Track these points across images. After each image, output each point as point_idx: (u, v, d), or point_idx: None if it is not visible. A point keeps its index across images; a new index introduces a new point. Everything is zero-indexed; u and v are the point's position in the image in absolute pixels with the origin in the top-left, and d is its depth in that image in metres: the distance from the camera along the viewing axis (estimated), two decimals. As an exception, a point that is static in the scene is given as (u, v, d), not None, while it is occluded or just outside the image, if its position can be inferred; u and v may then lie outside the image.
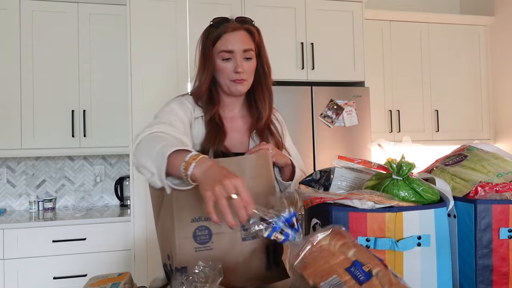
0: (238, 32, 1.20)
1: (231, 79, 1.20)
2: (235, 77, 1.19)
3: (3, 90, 2.74)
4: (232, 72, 1.19)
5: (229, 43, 1.18)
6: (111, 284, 0.94)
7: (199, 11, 2.65)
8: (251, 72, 1.23)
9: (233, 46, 1.18)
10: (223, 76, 1.21)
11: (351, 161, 1.05)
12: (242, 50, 1.19)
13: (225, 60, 1.19)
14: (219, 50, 1.19)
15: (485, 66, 3.42)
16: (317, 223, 0.86)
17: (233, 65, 1.19)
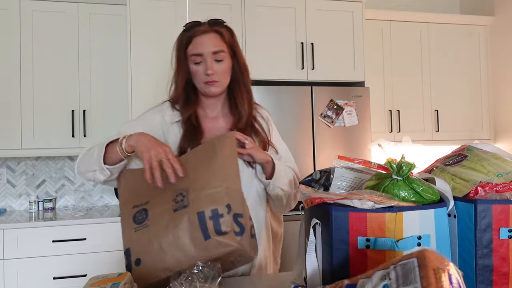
0: (207, 34, 1.21)
1: (204, 82, 1.23)
2: (207, 79, 1.22)
3: (3, 90, 2.74)
4: (204, 74, 1.21)
5: (198, 46, 1.21)
6: (111, 284, 0.94)
7: (199, 11, 2.65)
8: (223, 73, 1.24)
9: (202, 49, 1.20)
10: (196, 79, 1.24)
11: (351, 161, 1.05)
12: (212, 52, 1.20)
13: (197, 63, 1.22)
14: (190, 54, 1.22)
15: (485, 66, 3.42)
16: (317, 223, 0.86)
17: (203, 68, 1.21)
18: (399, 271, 0.62)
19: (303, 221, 1.01)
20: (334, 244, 0.80)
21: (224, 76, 1.24)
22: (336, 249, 0.80)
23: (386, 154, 1.05)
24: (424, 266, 0.58)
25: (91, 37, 2.86)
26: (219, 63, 1.22)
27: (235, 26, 2.71)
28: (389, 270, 0.64)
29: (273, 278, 1.24)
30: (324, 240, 0.84)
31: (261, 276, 1.26)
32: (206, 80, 1.22)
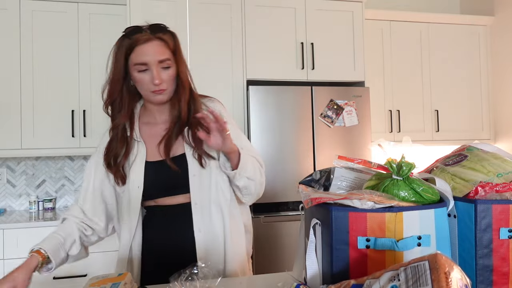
0: (151, 42, 1.15)
1: (151, 90, 1.18)
2: (153, 88, 1.17)
3: (3, 90, 2.74)
4: (150, 83, 1.16)
5: (142, 55, 1.14)
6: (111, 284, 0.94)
7: (199, 11, 2.65)
8: (171, 80, 1.19)
9: (147, 58, 1.14)
10: (142, 87, 1.19)
11: (351, 161, 1.05)
12: (157, 61, 1.15)
13: (142, 71, 1.16)
14: (134, 62, 1.16)
15: (485, 66, 3.42)
16: (317, 223, 0.86)
17: (150, 77, 1.16)
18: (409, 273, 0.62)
19: (303, 221, 1.01)
20: (334, 244, 0.80)
21: (171, 83, 1.20)
22: (336, 249, 0.80)
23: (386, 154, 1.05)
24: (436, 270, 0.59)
25: (91, 37, 2.86)
26: (165, 71, 1.17)
27: (235, 26, 2.72)
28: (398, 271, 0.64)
29: (273, 278, 1.24)
30: (324, 240, 0.84)
31: (261, 276, 1.26)
32: (154, 89, 1.17)
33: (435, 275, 0.58)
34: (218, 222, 1.23)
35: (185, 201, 1.23)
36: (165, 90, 1.19)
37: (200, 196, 1.21)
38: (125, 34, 1.18)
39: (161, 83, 1.16)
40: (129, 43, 1.15)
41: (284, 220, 2.59)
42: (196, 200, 1.21)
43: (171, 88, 1.21)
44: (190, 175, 1.21)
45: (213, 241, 1.22)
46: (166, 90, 1.19)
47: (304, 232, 1.00)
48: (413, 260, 0.65)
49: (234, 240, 1.26)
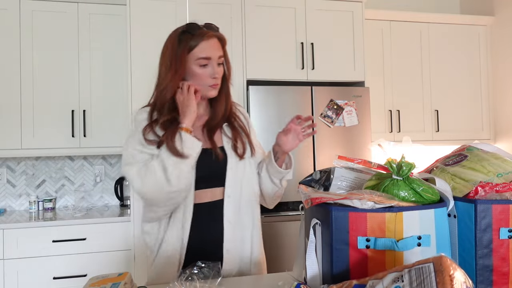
0: (213, 39, 1.25)
1: (209, 85, 1.26)
2: (212, 83, 1.26)
3: (3, 90, 2.74)
4: (209, 78, 1.25)
5: (207, 50, 1.23)
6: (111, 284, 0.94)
7: (199, 11, 2.65)
8: (221, 77, 1.29)
9: (211, 53, 1.24)
10: (199, 81, 1.25)
11: (351, 161, 1.05)
12: (218, 57, 1.25)
13: (203, 66, 1.24)
14: (197, 57, 1.23)
15: (485, 66, 3.42)
16: (317, 223, 0.86)
17: (210, 71, 1.24)
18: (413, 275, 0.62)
19: (303, 221, 1.01)
20: (334, 244, 0.80)
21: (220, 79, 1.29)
22: (336, 249, 0.80)
23: (386, 154, 1.05)
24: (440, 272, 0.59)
25: (91, 37, 2.86)
26: (220, 67, 1.27)
27: (235, 26, 2.72)
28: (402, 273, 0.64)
29: (273, 278, 1.24)
30: (324, 240, 0.84)
31: (261, 276, 1.26)
32: (212, 83, 1.25)
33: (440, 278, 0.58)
34: (247, 217, 1.31)
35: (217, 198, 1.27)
36: (218, 85, 1.28)
37: (234, 189, 1.28)
38: (186, 30, 1.25)
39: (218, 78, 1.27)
40: (192, 38, 1.23)
41: (284, 220, 2.59)
42: (229, 193, 1.27)
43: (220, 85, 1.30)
44: (228, 167, 1.27)
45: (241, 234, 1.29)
46: (218, 85, 1.28)
47: (304, 232, 1.00)
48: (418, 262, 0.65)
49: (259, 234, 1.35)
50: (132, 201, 2.53)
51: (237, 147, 1.30)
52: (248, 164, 1.32)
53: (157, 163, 1.16)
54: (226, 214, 1.26)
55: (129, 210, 2.73)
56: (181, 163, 1.16)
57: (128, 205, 2.94)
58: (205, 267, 0.99)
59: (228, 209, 1.27)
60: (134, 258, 2.54)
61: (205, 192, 1.26)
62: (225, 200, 1.27)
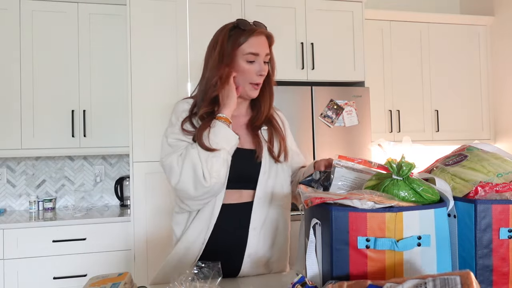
0: (262, 36, 1.26)
1: (253, 82, 1.25)
2: (257, 80, 1.25)
3: (3, 90, 2.74)
4: (255, 74, 1.24)
5: (256, 46, 1.23)
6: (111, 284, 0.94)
7: (199, 11, 2.65)
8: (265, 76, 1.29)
9: (260, 49, 1.24)
10: (244, 78, 1.25)
11: (351, 161, 1.05)
12: (265, 54, 1.26)
13: (250, 62, 1.24)
14: (246, 52, 1.23)
15: (485, 66, 3.42)
16: (317, 223, 0.86)
17: (257, 68, 1.24)
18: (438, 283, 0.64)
19: (303, 221, 1.01)
20: (334, 244, 0.80)
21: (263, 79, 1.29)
22: (336, 249, 0.80)
23: (386, 154, 1.05)
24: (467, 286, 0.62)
25: (91, 37, 2.86)
26: (265, 65, 1.27)
27: (235, 26, 2.72)
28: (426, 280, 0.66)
29: (272, 278, 1.24)
30: (324, 240, 0.84)
31: (261, 276, 1.26)
32: (257, 80, 1.25)
33: None
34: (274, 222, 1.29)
35: (246, 200, 1.26)
36: (260, 85, 1.28)
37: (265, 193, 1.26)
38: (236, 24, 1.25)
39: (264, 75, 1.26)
40: (243, 33, 1.23)
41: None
42: (260, 196, 1.26)
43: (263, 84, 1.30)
44: (261, 171, 1.26)
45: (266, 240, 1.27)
46: (260, 85, 1.28)
47: (304, 232, 1.00)
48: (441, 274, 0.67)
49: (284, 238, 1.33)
50: (132, 201, 2.53)
51: (272, 151, 1.29)
52: (281, 169, 1.31)
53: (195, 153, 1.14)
54: (253, 218, 1.25)
55: (129, 210, 2.73)
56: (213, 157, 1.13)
57: (128, 205, 2.94)
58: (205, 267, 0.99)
59: (256, 213, 1.25)
60: (134, 258, 2.54)
61: (232, 193, 1.25)
62: (255, 203, 1.25)
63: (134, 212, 2.52)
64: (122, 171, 3.17)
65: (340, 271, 0.80)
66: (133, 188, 2.53)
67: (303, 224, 1.01)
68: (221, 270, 0.99)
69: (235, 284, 1.15)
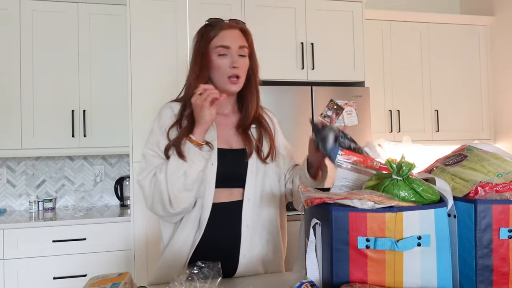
0: (234, 30, 1.24)
1: (228, 75, 1.21)
2: (231, 73, 1.21)
3: (3, 90, 2.74)
4: (228, 67, 1.21)
5: (226, 39, 1.22)
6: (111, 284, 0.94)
7: (199, 11, 2.65)
8: (244, 69, 1.25)
9: (230, 42, 1.22)
10: (219, 72, 1.23)
11: (354, 155, 1.05)
12: (238, 46, 1.22)
13: (221, 56, 1.21)
14: (216, 45, 1.21)
15: (485, 66, 3.42)
16: (317, 223, 0.86)
17: (229, 61, 1.21)
18: None
19: (303, 221, 1.01)
20: (334, 244, 0.80)
21: (244, 72, 1.25)
22: (336, 249, 0.80)
23: (386, 154, 1.05)
24: None
25: (91, 37, 2.86)
26: (242, 58, 1.24)
27: (235, 26, 2.72)
28: None
29: (273, 277, 1.24)
30: (324, 240, 0.84)
31: (261, 276, 1.26)
32: (231, 73, 1.21)
33: None
34: (267, 221, 1.28)
35: (236, 199, 1.25)
36: (239, 79, 1.23)
37: (254, 192, 1.25)
38: (209, 23, 1.25)
39: (238, 68, 1.21)
40: (213, 29, 1.23)
41: (284, 220, 2.59)
42: (249, 196, 1.24)
43: (243, 79, 1.25)
44: (248, 170, 1.25)
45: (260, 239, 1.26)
46: (240, 79, 1.23)
47: (304, 232, 1.00)
48: None
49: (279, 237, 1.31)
50: (132, 201, 2.53)
51: (261, 150, 1.28)
52: (269, 168, 1.30)
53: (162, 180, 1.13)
54: (245, 218, 1.23)
55: (129, 210, 2.73)
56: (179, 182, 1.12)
57: (128, 205, 2.94)
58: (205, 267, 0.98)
59: (247, 212, 1.24)
60: (134, 258, 2.54)
61: (221, 191, 1.23)
62: (244, 202, 1.24)
63: (134, 212, 2.52)
64: (122, 171, 3.17)
65: (340, 271, 0.80)
66: (133, 188, 2.53)
67: (303, 224, 1.01)
68: (221, 270, 0.99)
69: (235, 284, 1.15)
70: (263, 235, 1.27)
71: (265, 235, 1.28)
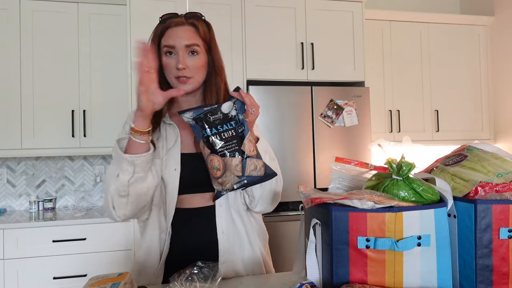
0: (182, 27, 1.16)
1: (175, 76, 1.14)
2: (178, 74, 1.13)
3: (3, 90, 2.74)
4: (175, 68, 1.13)
5: (171, 38, 1.14)
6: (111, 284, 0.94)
7: (199, 11, 2.64)
8: (197, 68, 1.15)
9: (174, 41, 1.13)
10: (168, 72, 1.16)
11: (348, 163, 1.05)
12: (184, 45, 1.13)
13: (168, 55, 1.15)
14: (163, 45, 1.15)
15: (485, 66, 3.42)
16: (317, 223, 0.86)
17: (175, 61, 1.13)
18: None
19: (303, 221, 1.01)
20: (334, 244, 0.80)
21: (197, 71, 1.16)
22: (336, 249, 0.80)
23: (386, 154, 1.05)
24: None
25: (91, 37, 2.86)
26: (192, 57, 1.14)
27: (235, 26, 2.72)
28: None
29: (273, 278, 1.24)
30: (324, 240, 0.84)
31: (261, 276, 1.26)
32: (177, 74, 1.13)
33: None
34: (241, 224, 1.22)
35: (210, 204, 1.20)
36: (190, 78, 1.15)
37: (225, 197, 1.19)
38: (160, 20, 1.20)
39: (185, 69, 1.13)
40: (162, 27, 1.17)
41: (284, 220, 2.59)
42: (221, 202, 1.19)
43: (198, 78, 1.17)
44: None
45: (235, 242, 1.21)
46: (191, 78, 1.15)
47: (304, 232, 1.00)
48: None
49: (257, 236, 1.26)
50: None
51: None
52: None
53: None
54: (219, 223, 1.18)
55: (129, 210, 2.73)
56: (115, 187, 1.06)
57: (128, 205, 2.94)
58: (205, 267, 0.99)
59: (221, 218, 1.18)
60: (134, 258, 2.54)
61: (194, 197, 1.18)
62: (217, 208, 1.19)
63: (134, 212, 2.52)
64: (122, 171, 3.17)
65: (340, 271, 0.80)
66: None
67: (303, 224, 1.01)
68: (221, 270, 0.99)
69: (235, 284, 1.15)
70: (241, 238, 1.22)
71: (243, 238, 1.23)
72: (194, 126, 1.10)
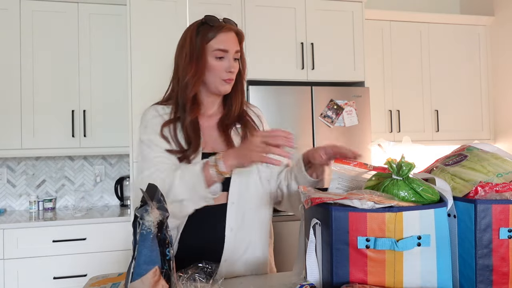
0: (231, 33, 1.23)
1: (223, 78, 1.22)
2: (227, 77, 1.21)
3: (3, 90, 2.74)
4: (224, 71, 1.21)
5: (225, 42, 1.20)
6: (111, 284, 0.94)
7: (199, 11, 2.65)
8: (236, 72, 1.25)
9: (228, 46, 1.21)
10: (214, 74, 1.21)
11: (347, 164, 1.05)
12: (235, 50, 1.22)
13: (218, 58, 1.21)
14: (214, 48, 1.20)
15: (485, 66, 3.42)
16: (317, 223, 0.86)
17: (226, 65, 1.21)
18: None
19: (303, 221, 1.01)
20: (334, 244, 0.80)
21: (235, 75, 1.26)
22: (336, 249, 0.80)
23: (386, 154, 1.05)
24: None
25: (91, 37, 2.86)
26: (236, 62, 1.24)
27: (235, 26, 2.72)
28: None
29: (273, 278, 1.24)
30: (324, 240, 0.84)
31: (261, 276, 1.26)
32: (226, 77, 1.21)
33: None
34: (252, 222, 1.25)
35: (221, 202, 1.21)
36: (233, 80, 1.24)
37: (239, 195, 1.22)
38: (205, 21, 1.24)
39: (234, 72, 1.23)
40: (211, 29, 1.21)
41: (284, 220, 2.59)
42: (233, 200, 1.21)
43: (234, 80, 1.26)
44: (233, 171, 1.17)
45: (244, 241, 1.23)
46: (233, 80, 1.24)
47: (304, 232, 1.00)
48: None
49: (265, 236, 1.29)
50: (132, 201, 2.53)
51: None
52: (256, 170, 1.25)
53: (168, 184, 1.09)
54: (229, 221, 1.20)
55: (129, 210, 2.73)
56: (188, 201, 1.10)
57: (128, 205, 2.94)
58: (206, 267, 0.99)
59: (231, 216, 1.21)
60: (134, 258, 2.54)
61: None
62: (228, 206, 1.21)
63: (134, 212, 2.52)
64: (122, 171, 3.17)
65: (340, 271, 0.80)
66: (133, 188, 2.52)
67: (303, 224, 1.01)
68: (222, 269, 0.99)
69: (236, 284, 1.15)
70: (248, 238, 1.24)
71: (250, 238, 1.25)
72: None
